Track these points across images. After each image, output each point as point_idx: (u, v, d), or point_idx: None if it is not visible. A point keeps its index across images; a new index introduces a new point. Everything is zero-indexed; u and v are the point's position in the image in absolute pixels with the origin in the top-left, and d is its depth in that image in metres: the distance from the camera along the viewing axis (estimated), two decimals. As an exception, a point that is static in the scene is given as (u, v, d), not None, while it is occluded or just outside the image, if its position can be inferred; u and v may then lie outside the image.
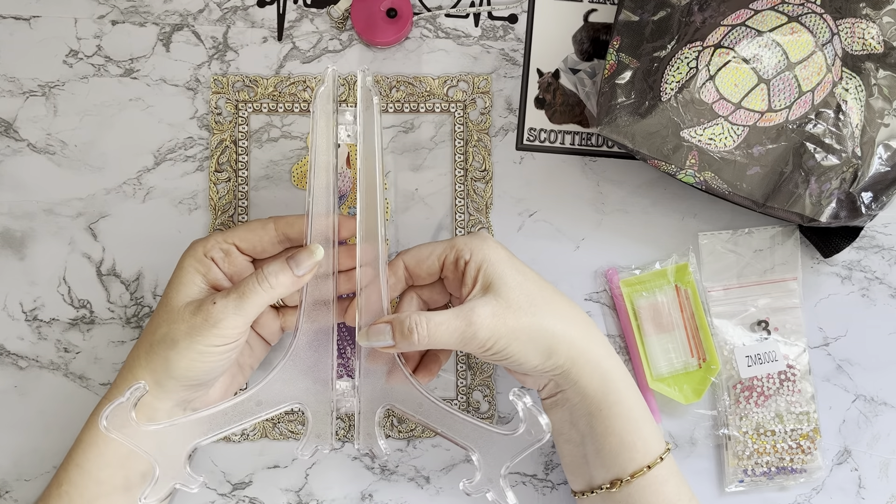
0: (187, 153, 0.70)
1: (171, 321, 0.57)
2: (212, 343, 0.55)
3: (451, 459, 0.69)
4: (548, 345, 0.56)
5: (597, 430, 0.58)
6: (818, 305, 0.70)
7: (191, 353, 0.55)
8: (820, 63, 0.63)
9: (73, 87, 0.70)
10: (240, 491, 0.68)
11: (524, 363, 0.56)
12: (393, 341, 0.55)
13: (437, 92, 0.70)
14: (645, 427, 0.58)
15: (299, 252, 0.57)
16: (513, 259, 0.58)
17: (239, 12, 0.71)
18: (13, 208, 0.70)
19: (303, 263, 0.56)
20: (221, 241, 0.59)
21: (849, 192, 0.63)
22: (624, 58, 0.65)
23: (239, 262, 0.60)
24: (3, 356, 0.69)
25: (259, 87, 0.70)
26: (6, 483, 0.68)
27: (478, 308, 0.55)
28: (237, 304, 0.55)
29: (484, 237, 0.59)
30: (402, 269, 0.60)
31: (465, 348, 0.56)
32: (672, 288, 0.69)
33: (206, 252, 0.59)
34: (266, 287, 0.56)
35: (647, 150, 0.64)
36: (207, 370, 0.57)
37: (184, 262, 0.59)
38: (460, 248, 0.58)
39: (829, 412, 0.69)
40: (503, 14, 0.72)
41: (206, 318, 0.55)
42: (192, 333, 0.55)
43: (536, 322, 0.56)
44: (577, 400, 0.58)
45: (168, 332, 0.56)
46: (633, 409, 0.58)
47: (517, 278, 0.57)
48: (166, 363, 0.56)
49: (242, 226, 0.60)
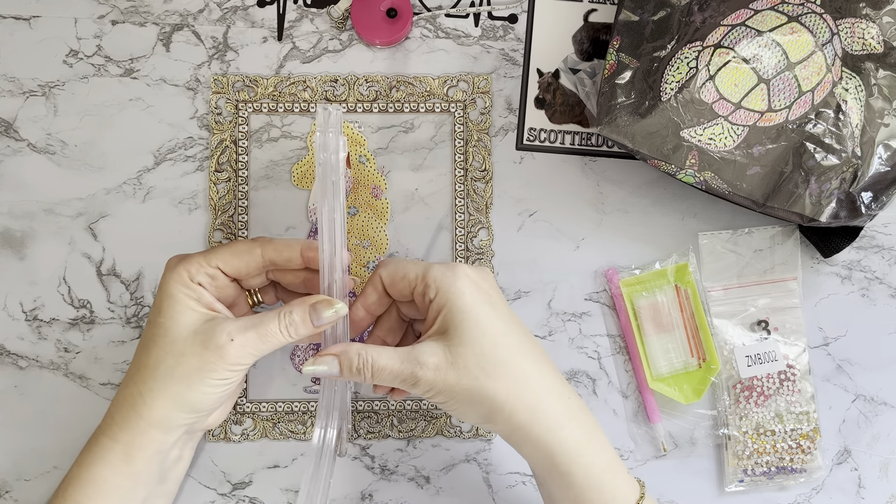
0: (187, 153, 0.70)
1: (177, 354, 0.54)
2: (223, 378, 0.54)
3: (451, 459, 0.69)
4: (487, 412, 0.54)
5: (554, 493, 0.56)
6: (818, 305, 0.70)
7: (202, 386, 0.54)
8: (820, 63, 0.63)
9: (73, 87, 0.70)
10: (240, 491, 0.68)
11: (463, 419, 0.56)
12: (339, 373, 0.55)
13: (437, 92, 0.70)
14: (609, 485, 0.55)
15: (320, 304, 0.55)
16: (482, 304, 0.55)
17: (239, 12, 0.71)
18: (13, 208, 0.70)
19: (324, 318, 0.55)
20: (205, 264, 0.56)
21: (849, 192, 0.63)
22: (624, 58, 0.65)
23: (224, 286, 0.58)
24: (3, 356, 0.69)
25: (259, 87, 0.70)
26: (6, 483, 0.68)
27: (422, 356, 0.53)
28: (256, 346, 0.54)
29: (457, 275, 0.55)
30: (380, 283, 0.58)
31: (407, 390, 0.55)
32: (672, 288, 0.69)
33: (191, 277, 0.56)
34: (286, 335, 0.55)
35: (647, 150, 0.64)
36: (218, 399, 0.56)
37: (171, 289, 0.56)
38: (429, 284, 0.55)
39: (829, 412, 0.69)
40: (503, 14, 0.72)
41: (220, 356, 0.54)
42: (205, 369, 0.54)
43: (478, 387, 0.53)
44: (528, 461, 0.57)
45: (176, 367, 0.54)
46: (592, 473, 0.55)
47: (474, 332, 0.54)
48: (176, 398, 0.54)
49: (227, 248, 0.58)
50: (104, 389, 0.69)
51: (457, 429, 0.69)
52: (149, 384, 0.55)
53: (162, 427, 0.55)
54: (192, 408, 0.55)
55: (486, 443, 0.69)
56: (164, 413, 0.55)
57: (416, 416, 0.69)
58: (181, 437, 0.57)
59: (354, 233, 0.69)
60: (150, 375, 0.55)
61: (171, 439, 0.56)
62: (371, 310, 0.59)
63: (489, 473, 0.69)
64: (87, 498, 0.56)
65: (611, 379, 0.69)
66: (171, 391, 0.54)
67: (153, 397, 0.55)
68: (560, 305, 0.70)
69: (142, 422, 0.55)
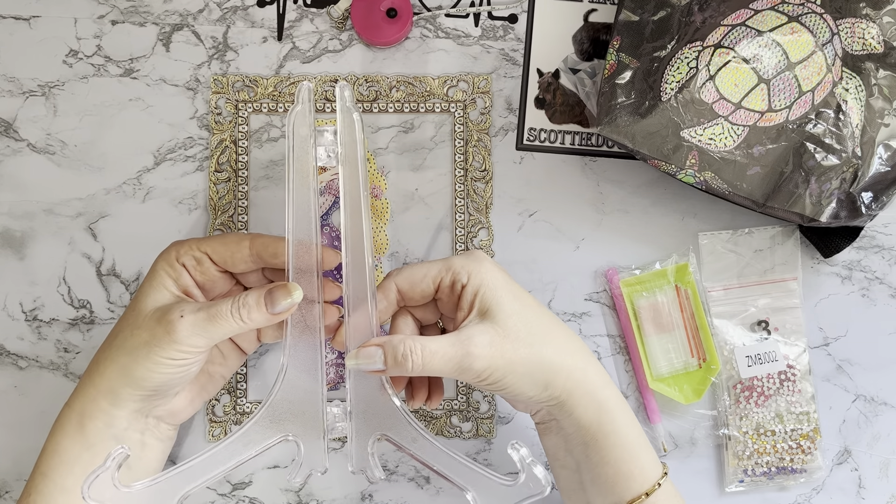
0: (187, 153, 0.70)
1: (134, 326, 0.55)
2: (170, 356, 0.54)
3: (451, 459, 0.69)
4: (545, 377, 0.54)
5: (592, 459, 0.56)
6: (818, 305, 0.70)
7: (148, 362, 0.54)
8: (820, 63, 0.63)
9: (73, 87, 0.70)
10: (240, 491, 0.68)
11: (519, 394, 0.55)
12: (384, 366, 0.53)
13: (437, 92, 0.70)
14: (642, 455, 0.57)
15: (277, 290, 0.54)
16: (510, 283, 0.56)
17: (239, 12, 0.71)
18: (13, 208, 0.70)
19: (279, 303, 0.54)
20: (195, 248, 0.57)
21: (849, 192, 0.63)
22: (624, 58, 0.65)
23: (210, 272, 0.58)
24: (3, 356, 0.69)
25: (259, 87, 0.70)
26: (6, 483, 0.68)
27: (475, 337, 0.53)
28: (204, 327, 0.53)
29: (480, 258, 0.56)
30: (395, 292, 0.57)
31: (459, 377, 0.54)
32: (672, 288, 0.69)
33: (178, 257, 0.57)
34: (237, 319, 0.54)
35: (647, 150, 0.64)
36: (165, 381, 0.55)
37: (156, 266, 0.57)
38: (457, 271, 0.55)
39: (830, 412, 0.69)
40: (503, 14, 0.72)
41: (168, 331, 0.53)
42: (152, 343, 0.53)
43: (534, 353, 0.54)
44: (573, 430, 0.56)
45: (128, 338, 0.55)
46: (630, 437, 0.56)
47: (515, 305, 0.55)
48: (123, 370, 0.55)
49: (218, 237, 0.58)
50: (104, 389, 0.69)
51: (457, 429, 0.69)
52: (105, 353, 0.56)
53: (109, 397, 0.55)
54: (137, 383, 0.55)
55: (486, 443, 0.69)
56: (111, 383, 0.55)
57: (416, 417, 0.69)
58: (134, 416, 0.57)
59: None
60: (108, 345, 0.56)
61: (122, 414, 0.56)
62: (379, 317, 0.58)
63: (489, 473, 0.69)
64: (50, 468, 0.57)
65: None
66: (120, 361, 0.55)
67: (105, 366, 0.56)
68: (560, 305, 0.70)
69: (92, 389, 0.56)
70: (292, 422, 0.56)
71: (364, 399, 0.56)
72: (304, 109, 0.56)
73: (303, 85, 0.56)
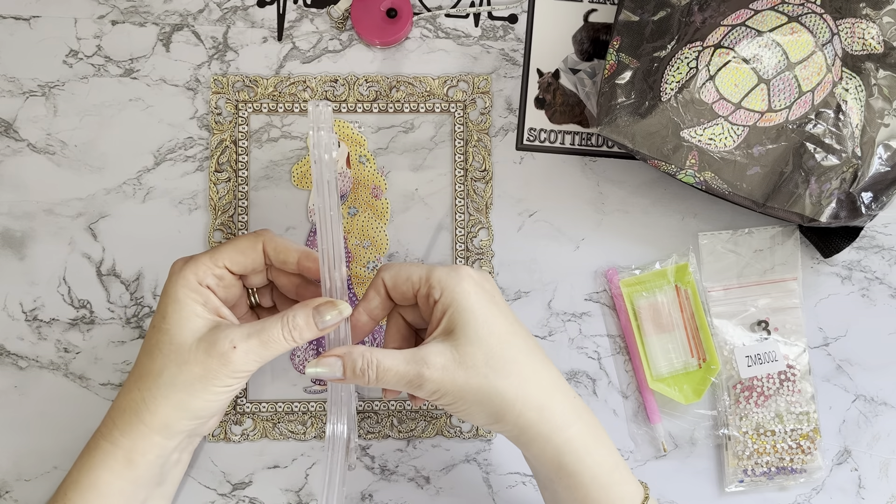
0: (187, 153, 0.70)
1: (180, 362, 0.54)
2: (227, 385, 0.54)
3: (451, 460, 0.69)
4: (495, 410, 0.53)
5: (560, 494, 0.56)
6: (818, 305, 0.70)
7: (206, 394, 0.54)
8: (820, 63, 0.63)
9: (73, 87, 0.70)
10: (240, 491, 0.68)
11: (470, 420, 0.55)
12: (343, 376, 0.54)
13: (437, 92, 0.70)
14: (615, 488, 0.55)
15: (325, 307, 0.55)
16: (487, 305, 0.54)
17: (239, 12, 0.71)
18: (13, 208, 0.70)
19: (327, 320, 0.55)
20: (212, 265, 0.56)
21: (849, 192, 0.63)
22: (624, 58, 0.65)
23: (231, 285, 0.58)
24: (3, 356, 0.69)
25: (259, 87, 0.70)
26: (6, 483, 0.68)
27: (430, 357, 0.53)
28: (259, 353, 0.54)
29: (462, 276, 0.55)
30: (383, 286, 0.57)
31: (412, 393, 0.54)
32: (672, 288, 0.68)
33: (199, 281, 0.55)
34: (289, 340, 0.54)
35: (647, 150, 0.64)
36: (222, 405, 0.56)
37: (177, 293, 0.55)
38: (433, 285, 0.54)
39: (829, 412, 0.69)
40: (503, 14, 0.72)
41: (223, 363, 0.53)
42: (208, 377, 0.53)
43: (487, 384, 0.53)
44: (534, 463, 0.56)
45: (179, 375, 0.54)
46: (600, 473, 0.55)
47: (482, 331, 0.53)
48: (179, 405, 0.54)
49: (231, 246, 0.57)
50: (104, 390, 0.69)
51: (457, 429, 0.69)
52: (152, 391, 0.54)
53: (164, 433, 0.55)
54: (194, 415, 0.55)
55: (486, 443, 0.69)
56: (167, 420, 0.54)
57: (416, 417, 0.69)
58: (184, 441, 0.57)
59: (354, 233, 0.69)
60: (154, 382, 0.54)
61: (173, 444, 0.56)
62: (373, 314, 0.58)
63: (489, 473, 0.69)
64: (87, 502, 0.55)
65: (611, 379, 0.69)
66: (175, 398, 0.54)
67: (157, 404, 0.54)
68: (560, 306, 0.70)
69: (144, 427, 0.55)
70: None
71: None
72: (328, 132, 0.55)
73: (324, 110, 0.55)
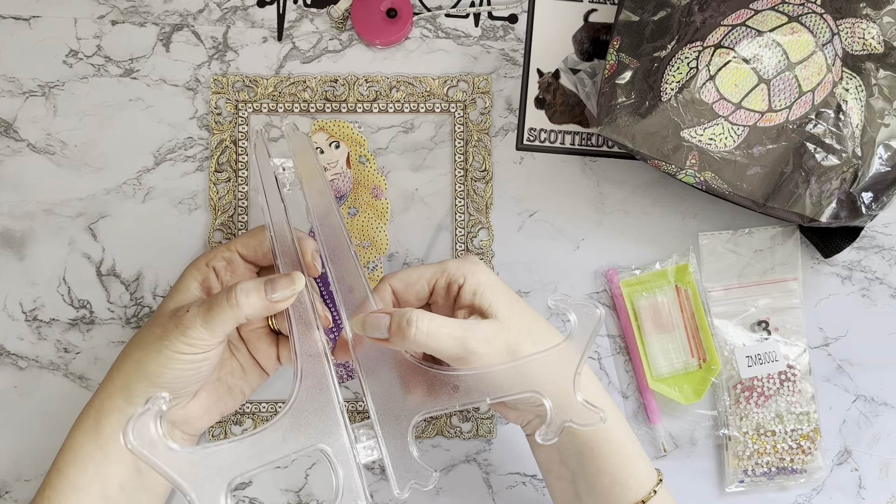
0: (187, 153, 0.70)
1: (152, 324, 0.57)
2: (179, 350, 0.54)
3: (452, 460, 0.69)
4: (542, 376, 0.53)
5: (588, 469, 0.56)
6: (818, 305, 0.70)
7: (159, 356, 0.54)
8: (820, 63, 0.63)
9: (72, 87, 0.70)
10: (240, 491, 0.68)
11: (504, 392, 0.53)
12: (388, 333, 0.51)
13: (437, 92, 0.70)
14: (637, 462, 0.57)
15: (280, 278, 0.53)
16: (505, 285, 0.56)
17: (239, 12, 0.71)
18: (13, 208, 0.70)
19: (279, 289, 0.53)
20: (224, 249, 0.59)
21: (849, 193, 0.63)
22: (624, 58, 0.65)
23: (241, 271, 0.60)
24: (3, 356, 0.69)
25: (259, 87, 0.70)
26: (6, 483, 0.68)
27: (481, 324, 0.53)
28: (204, 317, 0.53)
29: (475, 261, 0.56)
30: (390, 293, 0.57)
31: (457, 362, 0.53)
32: (672, 288, 0.68)
33: (208, 262, 0.58)
34: (233, 304, 0.52)
35: (648, 150, 0.64)
36: (176, 377, 0.55)
37: (185, 272, 0.59)
38: (453, 273, 0.55)
39: (830, 412, 0.69)
40: (503, 14, 0.72)
41: (176, 324, 0.53)
42: (163, 337, 0.54)
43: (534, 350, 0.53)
44: (567, 438, 0.56)
45: (145, 334, 0.56)
46: (625, 445, 0.56)
47: (513, 305, 0.55)
48: (137, 364, 0.55)
49: (247, 233, 0.60)
50: (104, 389, 0.69)
51: (457, 429, 0.69)
52: (125, 350, 0.57)
53: (124, 394, 0.56)
54: (150, 378, 0.55)
55: (486, 443, 0.69)
56: (127, 378, 0.56)
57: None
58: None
59: (354, 233, 0.69)
60: (130, 343, 0.58)
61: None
62: None
63: (489, 473, 0.69)
64: (66, 465, 0.57)
65: (611, 379, 0.69)
66: (134, 356, 0.56)
67: (122, 361, 0.57)
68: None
69: (110, 385, 0.57)
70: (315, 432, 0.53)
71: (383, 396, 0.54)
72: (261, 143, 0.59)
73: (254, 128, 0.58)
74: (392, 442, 0.53)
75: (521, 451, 0.68)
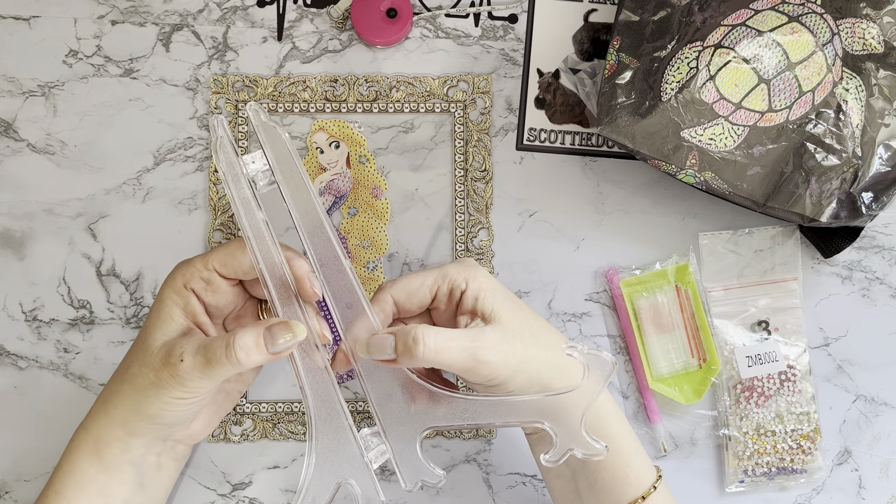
0: (187, 153, 0.70)
1: (142, 363, 0.53)
2: (178, 396, 0.52)
3: (452, 460, 0.69)
4: (550, 377, 0.53)
5: (589, 465, 0.56)
6: (818, 306, 0.70)
7: (158, 402, 0.53)
8: (820, 63, 0.63)
9: (72, 87, 0.70)
10: (240, 491, 0.68)
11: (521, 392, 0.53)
12: (394, 354, 0.50)
13: (437, 92, 0.70)
14: (637, 459, 0.57)
15: (277, 327, 0.50)
16: (505, 288, 0.56)
17: (239, 12, 0.71)
18: (13, 208, 0.70)
19: (279, 342, 0.50)
20: (201, 268, 0.54)
21: (849, 193, 0.63)
22: (624, 58, 0.65)
23: (223, 290, 0.55)
24: (3, 356, 0.69)
25: (259, 87, 0.70)
26: (6, 483, 0.68)
27: (487, 332, 0.52)
28: (202, 371, 0.50)
29: (474, 265, 0.56)
30: (391, 304, 0.55)
31: (467, 373, 0.51)
32: (672, 288, 0.68)
33: (185, 283, 0.54)
34: (233, 361, 0.49)
35: (648, 150, 0.64)
36: (178, 417, 0.54)
37: (163, 294, 0.54)
38: (454, 278, 0.54)
39: (830, 412, 0.69)
40: (503, 14, 0.72)
41: (171, 375, 0.51)
42: (159, 385, 0.52)
43: (542, 353, 0.53)
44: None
45: (138, 375, 0.53)
46: (625, 442, 0.57)
47: (514, 308, 0.55)
48: (135, 406, 0.54)
49: (222, 248, 0.54)
50: (104, 390, 0.69)
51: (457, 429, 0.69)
52: (117, 386, 0.55)
53: (125, 428, 0.55)
54: (151, 419, 0.54)
55: (486, 443, 0.69)
56: (126, 416, 0.54)
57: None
58: (152, 443, 0.56)
59: (354, 233, 0.69)
60: (120, 378, 0.55)
61: (139, 442, 0.56)
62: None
63: (489, 473, 0.69)
64: (65, 486, 0.56)
65: (611, 379, 0.69)
66: (132, 398, 0.54)
67: (118, 399, 0.55)
68: (560, 306, 0.70)
69: (107, 418, 0.55)
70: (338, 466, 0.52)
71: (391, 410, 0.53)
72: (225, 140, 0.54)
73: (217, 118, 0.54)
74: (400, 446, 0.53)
75: (521, 451, 0.68)
